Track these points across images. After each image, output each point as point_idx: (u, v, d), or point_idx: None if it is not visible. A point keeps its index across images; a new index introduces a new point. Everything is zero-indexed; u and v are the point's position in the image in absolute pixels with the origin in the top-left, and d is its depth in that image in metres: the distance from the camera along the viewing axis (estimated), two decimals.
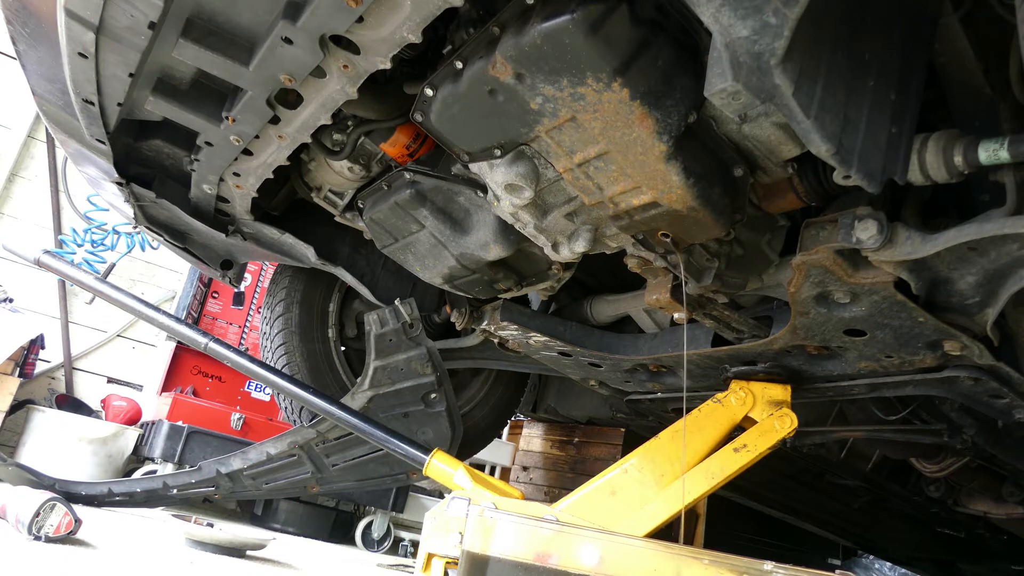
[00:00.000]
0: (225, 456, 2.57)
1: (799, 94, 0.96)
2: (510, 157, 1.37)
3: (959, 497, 3.06)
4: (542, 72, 1.13)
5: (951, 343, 1.45)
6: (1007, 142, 1.10)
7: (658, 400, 2.27)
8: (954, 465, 2.53)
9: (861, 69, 1.08)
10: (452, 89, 1.28)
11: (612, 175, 1.27)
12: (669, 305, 1.63)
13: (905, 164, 1.16)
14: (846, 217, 1.26)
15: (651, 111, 1.13)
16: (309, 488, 2.40)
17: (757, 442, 1.70)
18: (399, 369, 2.03)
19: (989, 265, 1.22)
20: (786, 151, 1.22)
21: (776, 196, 1.37)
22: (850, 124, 1.05)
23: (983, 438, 2.12)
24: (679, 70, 1.14)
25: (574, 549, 1.43)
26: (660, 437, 1.76)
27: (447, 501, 1.56)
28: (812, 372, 1.76)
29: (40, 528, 2.02)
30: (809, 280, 1.37)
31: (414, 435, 2.08)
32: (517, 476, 3.79)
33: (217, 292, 6.26)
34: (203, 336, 2.25)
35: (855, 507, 3.70)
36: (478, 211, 1.65)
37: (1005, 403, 1.64)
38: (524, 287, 1.89)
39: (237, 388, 5.56)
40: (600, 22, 1.05)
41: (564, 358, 2.17)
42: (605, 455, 3.48)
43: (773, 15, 0.88)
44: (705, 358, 1.85)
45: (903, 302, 1.34)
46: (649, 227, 1.38)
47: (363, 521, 4.45)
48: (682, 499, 1.62)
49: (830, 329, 1.52)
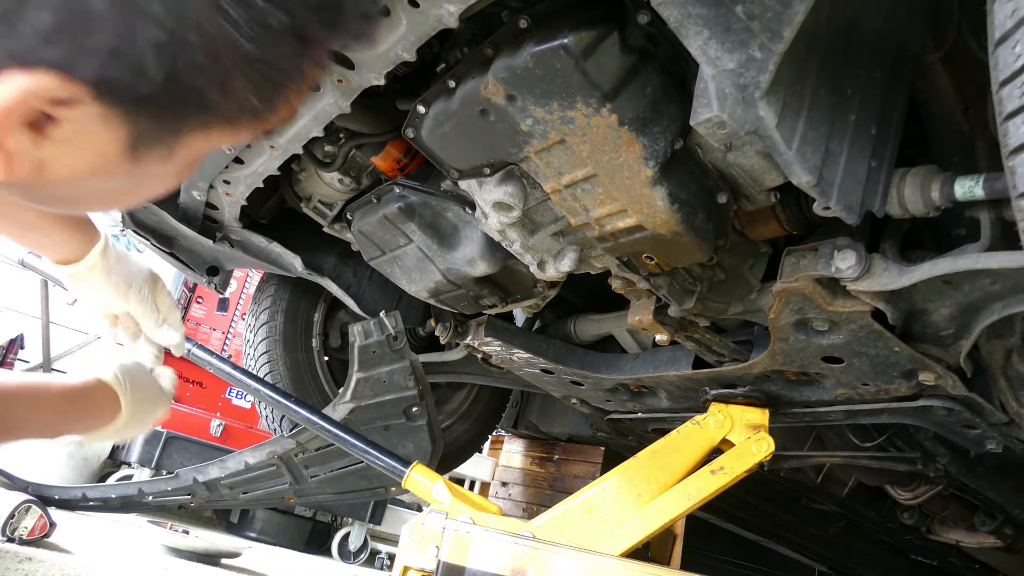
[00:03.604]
0: (203, 464, 2.56)
1: (782, 126, 0.99)
2: (499, 176, 1.39)
3: (932, 525, 3.09)
4: (533, 95, 1.15)
5: (926, 373, 1.47)
6: (982, 179, 1.13)
7: (638, 420, 2.29)
8: (928, 493, 2.55)
9: (843, 104, 1.11)
10: (444, 107, 1.30)
11: (599, 198, 1.29)
12: (651, 326, 1.65)
13: (884, 197, 1.19)
14: (826, 246, 1.29)
15: (638, 137, 1.15)
16: (287, 499, 2.39)
17: (734, 465, 1.72)
18: (382, 381, 2.03)
19: (963, 298, 1.25)
20: (769, 180, 1.25)
21: (759, 223, 1.40)
22: (831, 157, 1.08)
23: (956, 467, 2.15)
24: (667, 98, 1.17)
25: (550, 566, 1.44)
26: (639, 457, 1.77)
27: (425, 514, 1.56)
28: (790, 397, 1.79)
29: (14, 530, 2.00)
30: (789, 307, 1.39)
31: (394, 448, 2.08)
32: (496, 491, 3.78)
33: (202, 297, 6.23)
34: (185, 341, 2.24)
35: (831, 532, 3.73)
36: (466, 227, 1.67)
37: (977, 433, 1.67)
38: (509, 304, 1.91)
39: (218, 394, 5.53)
40: (591, 48, 1.07)
41: (546, 375, 2.19)
42: (584, 473, 3.49)
43: (759, 50, 0.91)
44: (685, 380, 1.87)
45: (880, 331, 1.37)
46: (634, 249, 1.40)
47: (340, 532, 4.42)
48: (659, 518, 1.63)
49: (808, 356, 1.54)
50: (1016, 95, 0.79)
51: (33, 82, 0.46)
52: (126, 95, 0.49)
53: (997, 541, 2.83)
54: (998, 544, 2.86)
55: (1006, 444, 1.70)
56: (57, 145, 0.51)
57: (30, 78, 0.46)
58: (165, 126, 0.54)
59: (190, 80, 0.50)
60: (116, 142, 0.53)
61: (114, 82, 0.48)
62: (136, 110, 0.51)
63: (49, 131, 0.50)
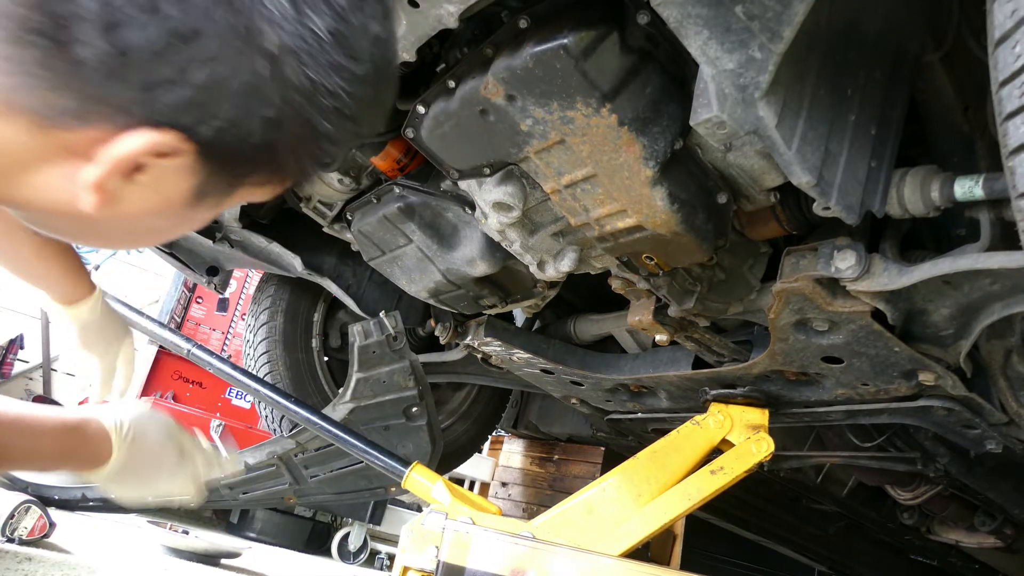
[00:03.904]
0: None
1: (782, 127, 0.99)
2: (499, 176, 1.39)
3: (932, 525, 3.09)
4: (533, 95, 1.15)
5: (926, 373, 1.48)
6: (982, 179, 1.13)
7: (638, 420, 2.29)
8: (927, 493, 2.55)
9: (843, 104, 1.11)
10: (444, 107, 1.30)
11: (598, 198, 1.29)
12: (651, 326, 1.65)
13: (884, 197, 1.19)
14: (826, 247, 1.29)
15: (638, 137, 1.15)
16: (287, 499, 2.39)
17: (734, 465, 1.72)
18: (381, 381, 2.03)
19: (963, 299, 1.25)
20: (769, 180, 1.25)
21: (759, 223, 1.40)
22: (831, 157, 1.08)
23: (956, 467, 2.15)
24: (667, 98, 1.17)
25: (550, 566, 1.44)
26: (639, 457, 1.77)
27: (424, 515, 1.56)
28: (790, 397, 1.79)
29: (14, 530, 2.00)
30: (789, 307, 1.40)
31: (394, 448, 2.08)
32: (496, 492, 3.78)
33: (201, 297, 6.24)
34: (185, 341, 2.24)
35: (831, 532, 3.73)
36: (466, 228, 1.67)
37: (977, 433, 1.67)
38: (509, 304, 1.91)
39: (217, 395, 5.53)
40: (591, 48, 1.07)
41: (546, 375, 2.19)
42: (584, 473, 3.49)
43: (758, 50, 0.91)
44: (685, 380, 1.87)
45: (879, 331, 1.37)
46: (633, 250, 1.40)
47: (340, 532, 4.42)
48: (660, 519, 1.64)
49: (808, 356, 1.54)
50: (1016, 95, 0.79)
51: (158, 139, 0.53)
52: (224, 156, 0.57)
53: (997, 541, 2.83)
54: (998, 544, 2.86)
55: (1006, 444, 1.70)
56: (138, 187, 0.56)
57: (157, 136, 0.53)
58: (233, 180, 0.61)
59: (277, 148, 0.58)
60: (187, 190, 0.59)
61: (221, 146, 0.56)
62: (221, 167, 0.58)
63: (137, 175, 0.55)
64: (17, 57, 0.50)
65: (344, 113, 0.59)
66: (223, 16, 0.51)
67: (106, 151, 0.53)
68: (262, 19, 0.52)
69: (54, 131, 0.53)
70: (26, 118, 0.52)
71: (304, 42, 0.54)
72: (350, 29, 0.56)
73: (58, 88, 0.51)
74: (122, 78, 0.51)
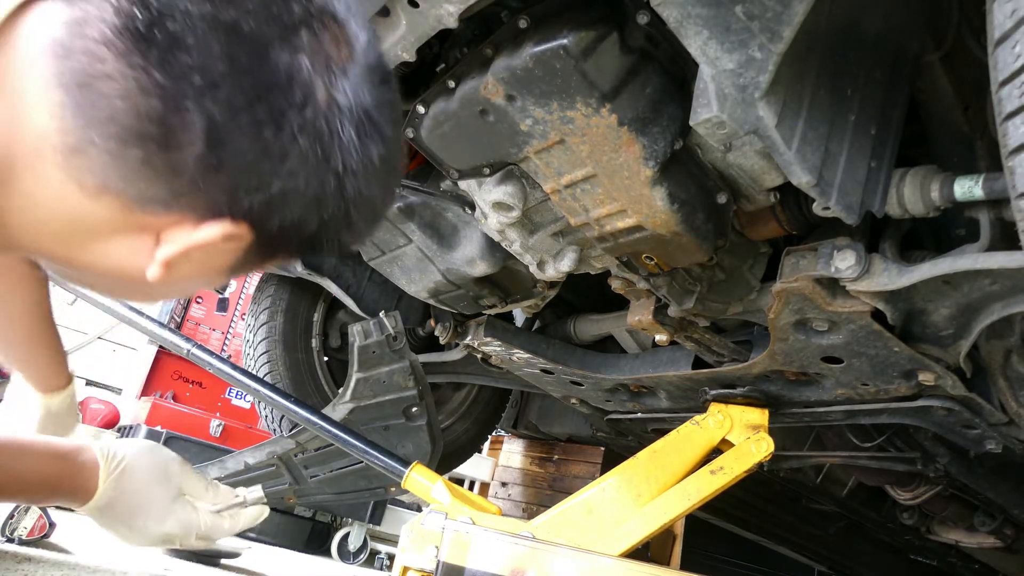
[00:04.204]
0: (202, 464, 2.56)
1: (782, 127, 0.99)
2: (499, 176, 1.39)
3: (932, 525, 3.09)
4: (533, 95, 1.15)
5: (925, 373, 1.48)
6: (982, 179, 1.13)
7: (638, 420, 2.29)
8: (927, 493, 2.55)
9: (843, 104, 1.11)
10: (444, 107, 1.30)
11: (598, 198, 1.29)
12: (651, 326, 1.65)
13: (883, 197, 1.19)
14: (825, 247, 1.29)
15: (638, 137, 1.15)
16: (287, 499, 2.39)
17: (734, 465, 1.72)
18: (381, 381, 2.03)
19: (962, 299, 1.25)
20: (769, 180, 1.25)
21: (758, 223, 1.40)
22: (831, 157, 1.08)
23: (955, 467, 2.15)
24: (666, 98, 1.17)
25: (550, 566, 1.44)
26: (638, 457, 1.77)
27: (424, 515, 1.56)
28: (790, 397, 1.79)
29: (14, 530, 2.00)
30: (788, 307, 1.39)
31: (394, 448, 2.08)
32: (496, 492, 3.78)
33: (201, 297, 6.24)
34: (185, 341, 2.24)
35: (830, 532, 3.73)
36: (465, 228, 1.67)
37: (977, 433, 1.67)
38: (509, 304, 1.91)
39: (217, 394, 5.53)
40: (591, 49, 1.07)
41: (546, 375, 2.19)
42: (584, 473, 3.49)
43: (758, 50, 0.91)
44: (685, 380, 1.87)
45: (879, 331, 1.37)
46: (633, 250, 1.40)
47: (340, 532, 4.42)
48: (659, 519, 1.63)
49: (808, 356, 1.54)
50: (1015, 95, 0.79)
51: (232, 231, 0.60)
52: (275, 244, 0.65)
53: (997, 541, 2.83)
54: (998, 544, 2.86)
55: (1006, 444, 1.70)
56: (192, 262, 0.63)
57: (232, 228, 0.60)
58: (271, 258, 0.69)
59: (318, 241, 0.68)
60: (229, 264, 0.67)
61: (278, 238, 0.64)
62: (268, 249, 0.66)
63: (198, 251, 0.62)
64: (121, 153, 0.55)
65: (376, 214, 0.72)
66: (307, 142, 0.59)
67: (183, 235, 0.60)
68: (335, 146, 0.61)
69: (138, 213, 0.59)
70: (115, 199, 0.58)
71: (363, 164, 0.64)
72: (392, 153, 0.68)
73: (153, 182, 0.57)
74: (215, 181, 0.58)
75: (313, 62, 0.59)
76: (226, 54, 0.55)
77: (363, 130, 0.63)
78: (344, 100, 0.61)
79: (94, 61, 0.54)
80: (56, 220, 0.60)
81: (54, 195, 0.58)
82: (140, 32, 0.53)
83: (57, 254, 0.64)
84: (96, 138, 0.55)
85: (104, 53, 0.54)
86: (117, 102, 0.54)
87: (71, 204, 0.58)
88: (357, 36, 0.63)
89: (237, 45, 0.55)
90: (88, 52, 0.54)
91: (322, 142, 0.60)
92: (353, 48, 0.63)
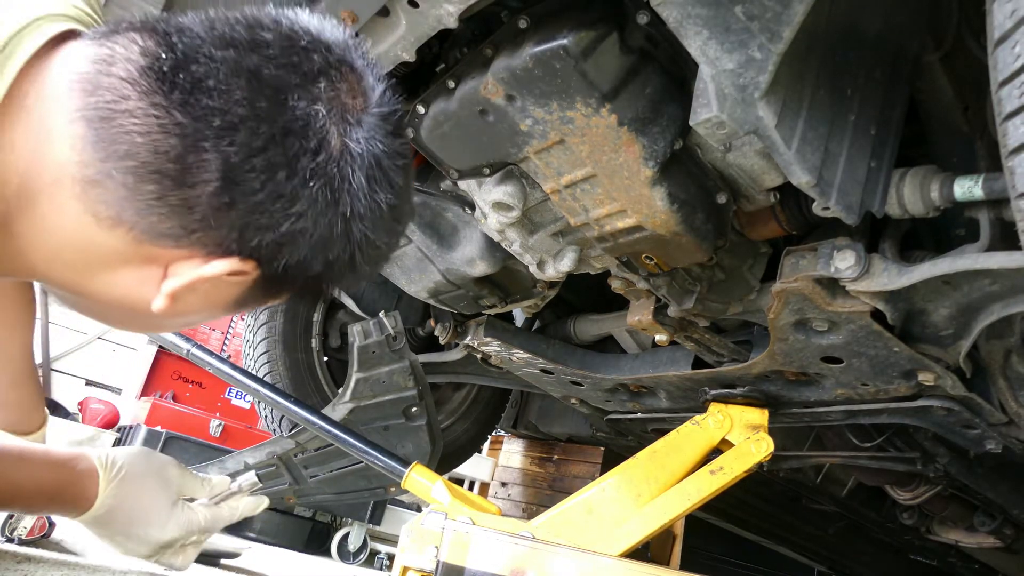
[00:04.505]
0: (202, 464, 2.56)
1: (782, 127, 0.99)
2: (499, 176, 1.39)
3: (932, 525, 3.09)
4: (532, 95, 1.15)
5: (925, 373, 1.47)
6: (982, 179, 1.13)
7: (638, 420, 2.29)
8: (927, 493, 2.55)
9: (843, 104, 1.11)
10: (444, 107, 1.30)
11: (598, 198, 1.29)
12: (651, 326, 1.65)
13: (883, 197, 1.19)
14: (825, 247, 1.29)
15: (638, 137, 1.15)
16: (287, 499, 2.39)
17: (734, 465, 1.72)
18: (381, 382, 2.03)
19: (962, 299, 1.25)
20: (769, 180, 1.25)
21: (758, 223, 1.40)
22: (831, 157, 1.08)
23: (955, 467, 2.15)
24: (666, 98, 1.17)
25: (550, 566, 1.44)
26: (638, 457, 1.77)
27: (424, 515, 1.56)
28: (790, 397, 1.79)
29: (13, 530, 2.00)
30: (788, 307, 1.39)
31: (394, 448, 2.08)
32: (496, 492, 3.78)
33: None
34: (185, 341, 2.24)
35: (830, 532, 3.73)
36: (465, 227, 1.67)
37: (977, 433, 1.67)
38: (509, 304, 1.91)
39: (217, 394, 5.53)
40: (591, 49, 1.07)
41: (546, 375, 2.19)
42: (584, 473, 3.49)
43: (758, 50, 0.91)
44: (685, 380, 1.87)
45: (879, 331, 1.37)
46: (633, 250, 1.40)
47: (339, 532, 4.42)
48: (659, 519, 1.64)
49: (808, 356, 1.54)
50: (1015, 95, 0.79)
51: (237, 267, 0.62)
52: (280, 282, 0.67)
53: (996, 541, 2.83)
54: (997, 544, 2.86)
55: (1005, 444, 1.70)
56: (197, 295, 0.65)
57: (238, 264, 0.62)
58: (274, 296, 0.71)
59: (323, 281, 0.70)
60: (232, 299, 0.68)
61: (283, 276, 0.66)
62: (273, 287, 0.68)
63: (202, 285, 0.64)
64: (136, 187, 0.57)
65: (381, 258, 0.74)
66: (319, 186, 0.61)
67: (191, 269, 0.62)
68: (345, 191, 0.63)
69: (148, 245, 0.61)
70: (127, 231, 0.60)
71: (371, 210, 0.66)
72: (401, 201, 0.70)
73: (167, 217, 0.59)
74: (225, 220, 0.60)
75: (329, 111, 0.61)
76: (246, 99, 0.57)
77: (373, 178, 0.65)
78: (357, 148, 0.63)
79: (118, 98, 0.56)
80: (70, 248, 0.61)
81: (70, 225, 0.60)
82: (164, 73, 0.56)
83: (68, 282, 0.66)
84: (114, 172, 0.56)
85: (128, 91, 0.56)
86: (137, 138, 0.56)
87: (86, 234, 0.60)
88: (373, 88, 0.65)
89: (257, 91, 0.57)
90: (113, 89, 0.56)
91: (332, 187, 0.62)
92: (368, 99, 0.65)
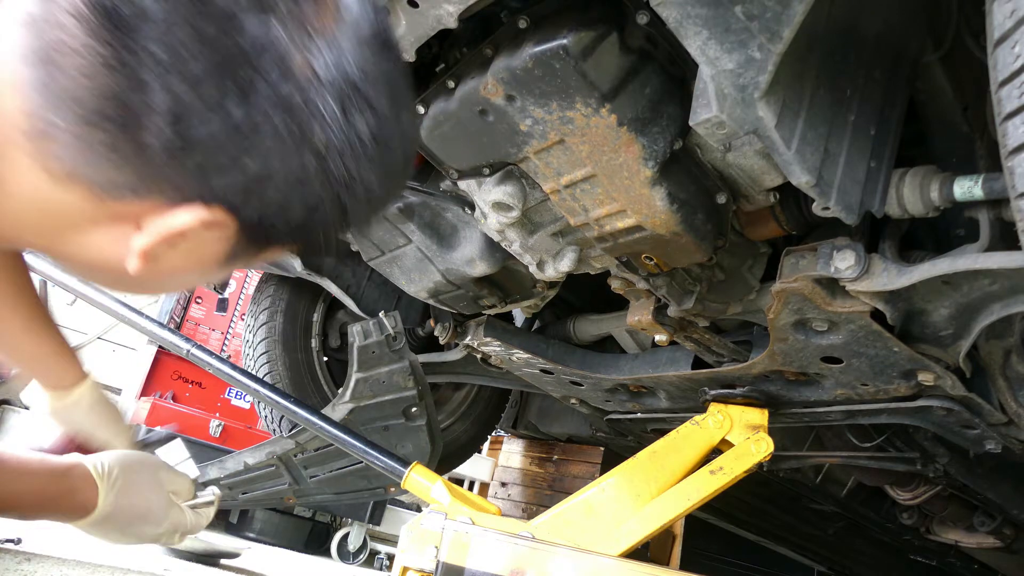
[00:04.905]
0: (202, 464, 2.56)
1: (781, 127, 0.99)
2: (498, 176, 1.39)
3: (931, 525, 3.09)
4: (532, 95, 1.15)
5: (925, 373, 1.48)
6: (981, 179, 1.13)
7: (638, 420, 2.29)
8: (927, 493, 2.55)
9: (842, 104, 1.11)
10: (443, 107, 1.30)
11: (598, 198, 1.29)
12: (651, 326, 1.65)
13: (883, 197, 1.19)
14: (825, 247, 1.29)
15: (638, 137, 1.15)
16: (286, 500, 2.39)
17: (733, 465, 1.72)
18: (381, 382, 2.03)
19: (962, 299, 1.25)
20: (768, 180, 1.25)
21: (758, 224, 1.40)
22: (830, 157, 1.08)
23: (955, 467, 2.15)
24: (666, 98, 1.17)
25: (549, 566, 1.44)
26: (638, 457, 1.77)
27: (424, 515, 1.56)
28: (790, 397, 1.79)
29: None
30: (788, 307, 1.40)
31: (394, 448, 2.08)
32: (495, 492, 3.78)
33: (200, 298, 6.23)
34: (185, 341, 2.24)
35: (830, 532, 3.73)
36: (465, 228, 1.67)
37: (976, 433, 1.67)
38: (508, 304, 1.91)
39: (217, 395, 5.53)
40: (591, 49, 1.07)
41: (546, 375, 2.19)
42: (584, 473, 3.49)
43: (758, 50, 0.91)
44: (685, 380, 1.87)
45: (879, 331, 1.37)
46: (633, 250, 1.40)
47: (339, 533, 4.42)
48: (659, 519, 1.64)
49: (808, 356, 1.54)
50: (1015, 95, 0.79)
51: (206, 217, 0.57)
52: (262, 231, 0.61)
53: (996, 541, 2.84)
54: (997, 544, 2.87)
55: (1005, 444, 1.70)
56: (178, 252, 0.60)
57: (206, 213, 0.56)
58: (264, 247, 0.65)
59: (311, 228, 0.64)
60: (220, 254, 0.63)
61: (262, 224, 0.60)
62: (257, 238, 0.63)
63: (179, 242, 0.58)
64: (86, 136, 0.52)
65: (374, 201, 0.66)
66: (281, 117, 0.54)
67: (157, 223, 0.57)
68: (314, 120, 0.56)
69: (109, 201, 0.56)
70: (85, 188, 0.55)
71: (349, 142, 0.58)
72: (387, 129, 0.61)
73: (120, 167, 0.54)
74: (181, 163, 0.54)
75: (289, 31, 0.54)
76: (191, 24, 0.50)
77: (349, 104, 0.57)
78: (326, 72, 0.56)
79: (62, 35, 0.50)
80: (32, 211, 0.57)
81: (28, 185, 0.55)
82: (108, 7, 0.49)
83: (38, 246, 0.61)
84: (60, 120, 0.51)
85: (73, 27, 0.50)
86: (82, 80, 0.50)
87: (43, 194, 0.55)
88: (347, 5, 0.58)
89: (204, 15, 0.51)
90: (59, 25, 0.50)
91: (298, 118, 0.55)
92: (340, 17, 0.57)
